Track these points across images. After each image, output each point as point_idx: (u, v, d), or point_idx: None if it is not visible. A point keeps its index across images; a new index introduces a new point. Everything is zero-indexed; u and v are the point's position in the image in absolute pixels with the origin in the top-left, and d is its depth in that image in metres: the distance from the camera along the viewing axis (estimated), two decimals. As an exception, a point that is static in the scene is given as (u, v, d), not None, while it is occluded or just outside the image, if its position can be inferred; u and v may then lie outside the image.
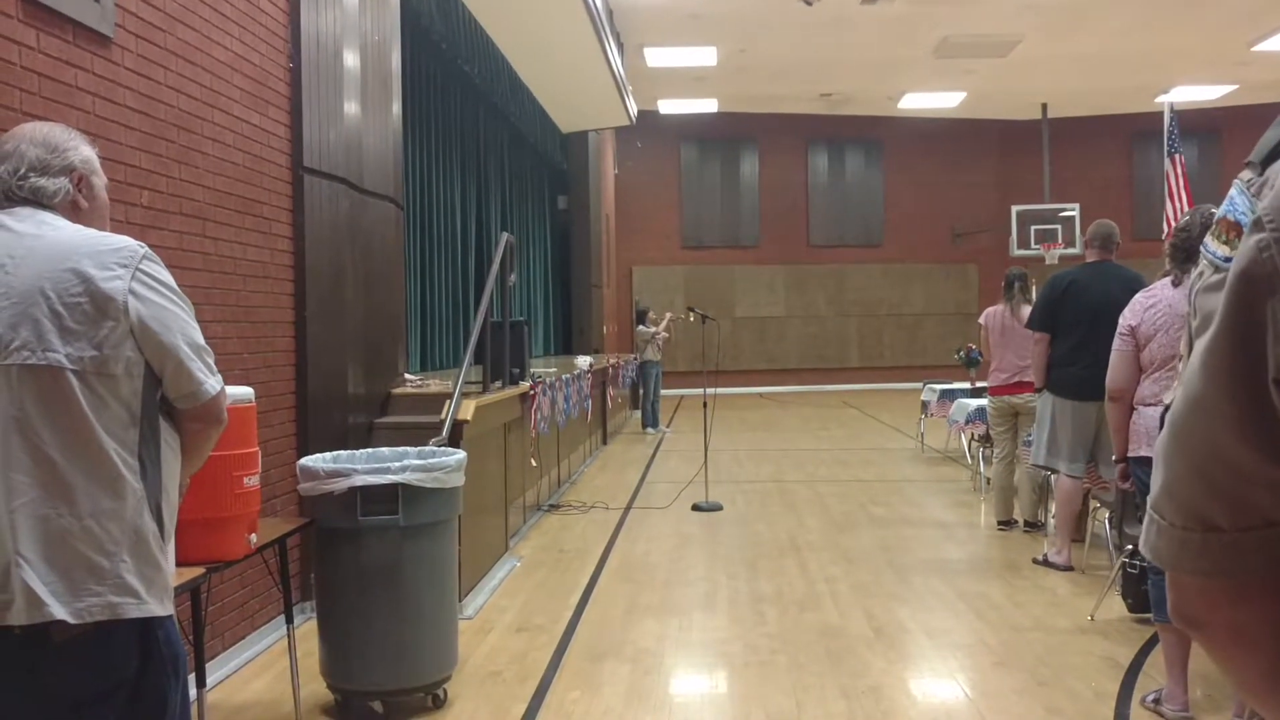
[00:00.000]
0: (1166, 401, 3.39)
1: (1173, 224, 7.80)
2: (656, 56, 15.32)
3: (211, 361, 1.96)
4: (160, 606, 1.86)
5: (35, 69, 3.07)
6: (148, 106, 3.67)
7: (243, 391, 3.09)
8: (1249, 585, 0.76)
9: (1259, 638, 0.77)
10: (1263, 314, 0.71)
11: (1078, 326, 5.48)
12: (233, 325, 4.27)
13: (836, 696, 3.82)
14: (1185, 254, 3.73)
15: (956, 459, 9.97)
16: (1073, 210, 17.63)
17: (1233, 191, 0.81)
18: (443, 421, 4.82)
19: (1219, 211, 0.82)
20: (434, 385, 6.10)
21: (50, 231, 1.85)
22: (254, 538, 3.13)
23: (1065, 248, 17.18)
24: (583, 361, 10.51)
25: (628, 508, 7.87)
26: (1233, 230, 0.78)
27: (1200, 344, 0.75)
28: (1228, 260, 0.75)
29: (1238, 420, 0.72)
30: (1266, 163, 0.78)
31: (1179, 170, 8.96)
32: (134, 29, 3.59)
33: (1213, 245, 0.80)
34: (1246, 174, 0.80)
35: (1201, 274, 0.79)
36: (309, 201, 4.96)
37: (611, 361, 12.78)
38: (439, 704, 3.74)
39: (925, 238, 21.49)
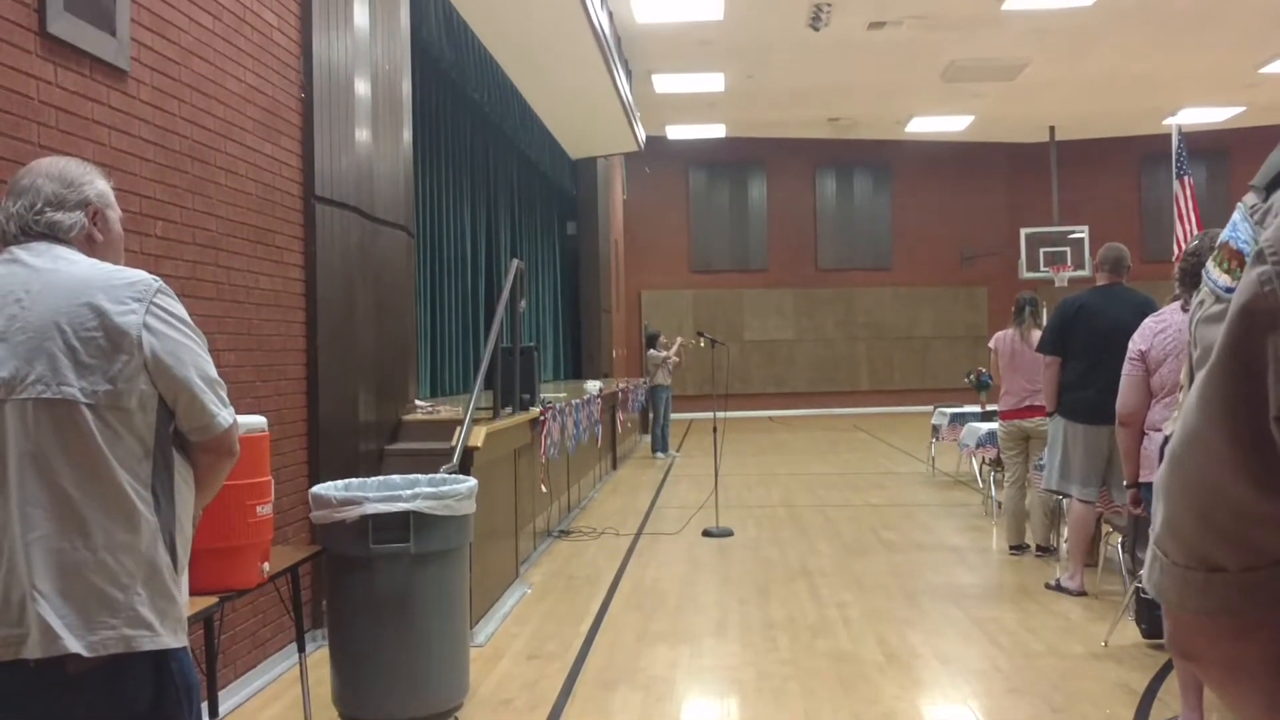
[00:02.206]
0: (1166, 432, 3.36)
1: (1183, 246, 7.79)
2: (665, 83, 15.42)
3: (224, 394, 1.97)
4: (174, 638, 1.86)
5: (53, 103, 3.11)
6: (162, 138, 3.71)
7: (256, 421, 3.11)
8: (1251, 622, 0.74)
9: (1260, 672, 0.75)
10: (1263, 350, 0.68)
11: (1089, 350, 5.47)
12: (245, 354, 4.29)
13: (849, 724, 3.80)
14: (1195, 278, 3.73)
15: (968, 483, 9.93)
16: (1082, 232, 17.64)
17: (1236, 216, 0.79)
18: (454, 448, 4.83)
19: (1222, 235, 0.79)
20: (445, 411, 6.11)
21: (65, 266, 1.87)
22: (267, 566, 3.14)
23: (1074, 270, 17.17)
24: (592, 386, 10.52)
25: (638, 533, 7.86)
26: (1235, 259, 0.75)
27: (1199, 378, 0.73)
28: (1229, 290, 0.73)
29: (1236, 459, 0.70)
30: (1271, 188, 0.75)
31: (1188, 192, 8.96)
32: (149, 62, 3.64)
33: (1214, 273, 0.78)
34: (1250, 198, 0.77)
35: (1203, 302, 0.77)
36: (321, 230, 5.00)
37: (621, 386, 12.79)
38: (450, 732, 3.73)
39: (934, 260, 21.49)
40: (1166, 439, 0.73)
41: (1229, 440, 0.70)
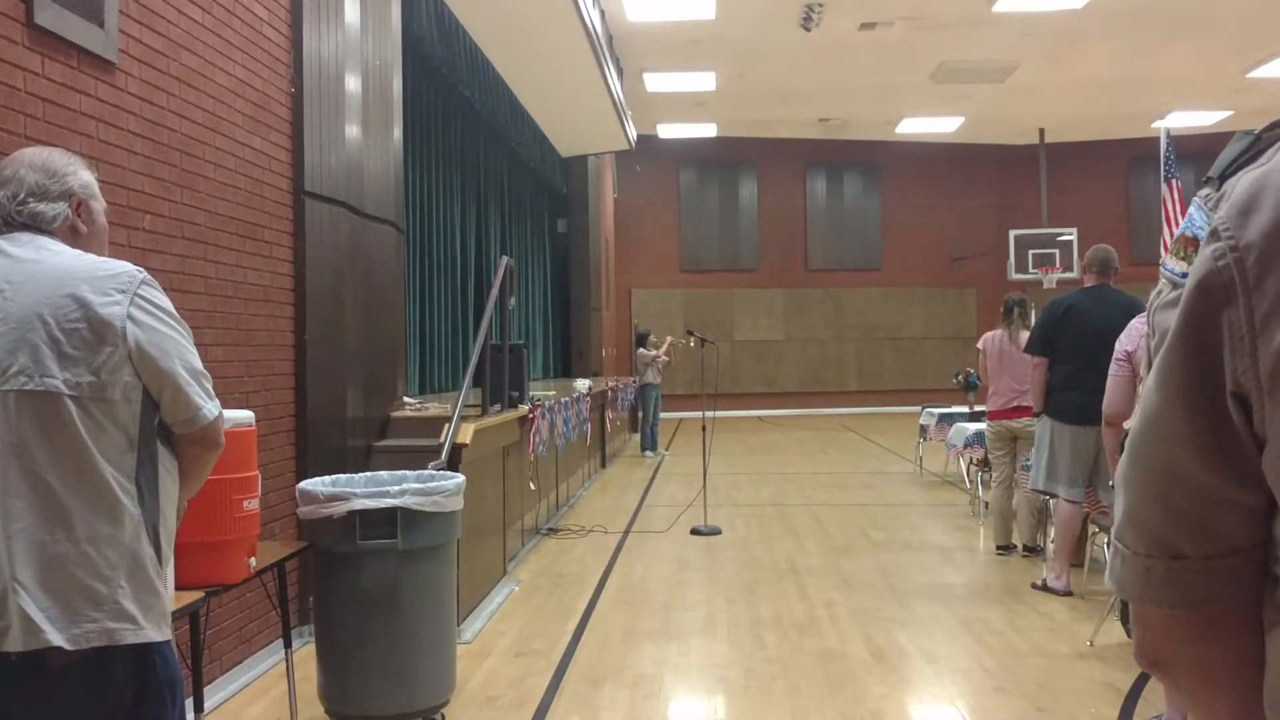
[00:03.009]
0: (1127, 426, 3.36)
1: (1169, 248, 7.82)
2: (656, 81, 15.41)
3: (210, 386, 1.96)
4: (158, 632, 1.85)
5: (40, 94, 3.09)
6: (151, 131, 3.70)
7: (243, 415, 3.10)
8: (1215, 619, 0.73)
9: (1230, 676, 0.74)
10: (1218, 325, 0.68)
11: (1076, 351, 5.49)
12: (233, 349, 4.28)
13: (836, 722, 3.81)
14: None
15: (955, 483, 9.95)
16: (1070, 235, 17.71)
17: (1192, 209, 0.79)
18: (442, 445, 4.82)
19: (1179, 230, 0.81)
20: (433, 408, 6.10)
21: (49, 257, 1.86)
22: (253, 561, 3.13)
23: (1063, 272, 17.24)
24: (582, 384, 10.51)
25: (626, 531, 7.86)
26: (1191, 246, 0.76)
27: (1157, 360, 0.72)
28: (1184, 276, 0.73)
29: (1195, 438, 0.69)
30: (1224, 178, 0.75)
31: (1176, 195, 8.99)
32: (138, 55, 3.62)
33: (1171, 263, 0.78)
34: (1205, 190, 0.78)
35: (1160, 292, 0.77)
36: (310, 225, 4.98)
37: (610, 384, 12.79)
38: (436, 729, 3.73)
39: (923, 262, 21.55)
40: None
41: (1187, 417, 0.70)
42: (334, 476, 3.88)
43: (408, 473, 4.02)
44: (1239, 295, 0.67)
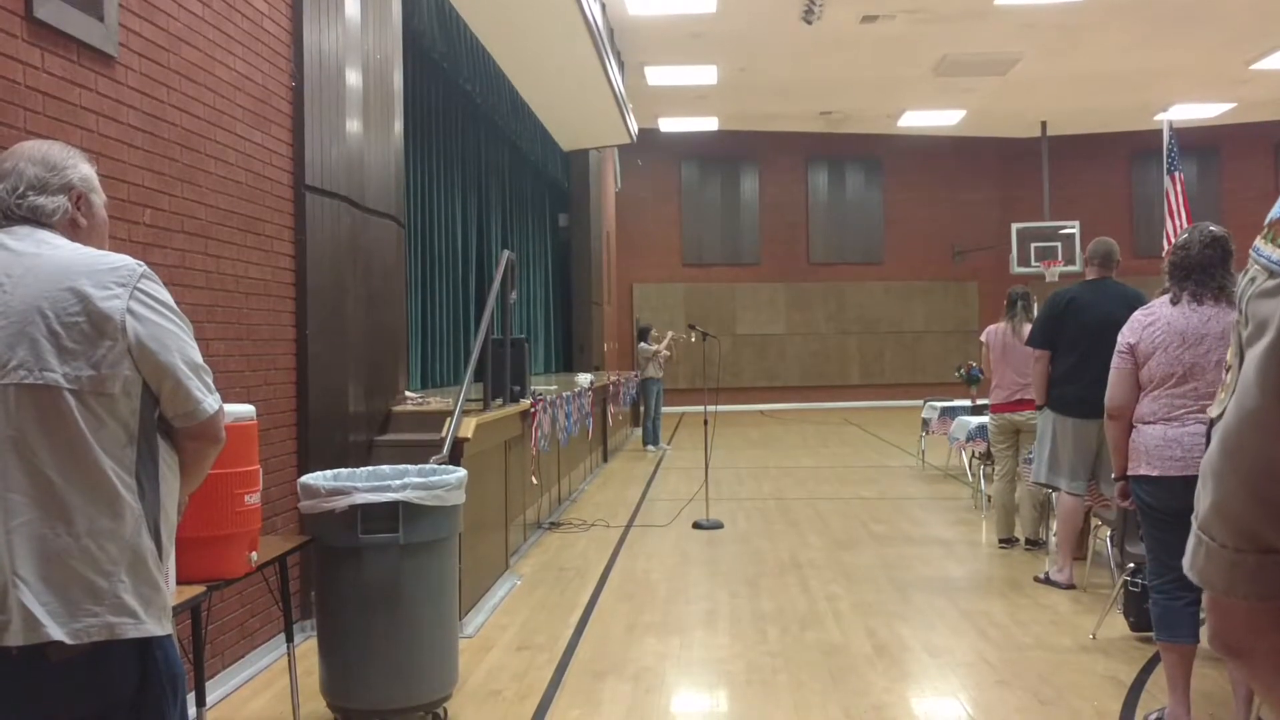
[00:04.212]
0: (1213, 415, 3.33)
1: (1172, 241, 7.81)
2: (657, 75, 15.39)
3: (210, 380, 1.95)
4: (159, 626, 1.85)
5: (40, 88, 3.09)
6: (151, 125, 3.69)
7: (244, 409, 3.09)
8: None
9: None
10: None
11: (1078, 344, 5.48)
12: (234, 343, 4.27)
13: (838, 715, 3.81)
14: (1184, 271, 3.73)
15: (957, 476, 9.95)
16: (1072, 228, 17.67)
17: None
18: (443, 439, 4.82)
19: (1271, 214, 0.75)
20: (434, 403, 6.10)
21: (48, 250, 1.85)
22: (254, 556, 3.13)
23: (1065, 265, 17.21)
24: (583, 379, 10.50)
25: (628, 525, 7.86)
26: None
27: (1255, 352, 0.70)
28: None
29: None
30: None
31: (1178, 188, 8.98)
32: (138, 48, 3.61)
33: (1265, 249, 0.74)
34: None
35: (1254, 279, 0.74)
36: (311, 219, 4.97)
37: (612, 379, 12.78)
38: (439, 723, 3.73)
39: (926, 255, 21.52)
40: (1214, 421, 0.67)
41: None
42: (335, 471, 3.88)
43: (409, 467, 4.02)
44: None
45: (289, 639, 3.66)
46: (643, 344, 13.67)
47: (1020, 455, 6.63)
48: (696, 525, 7.67)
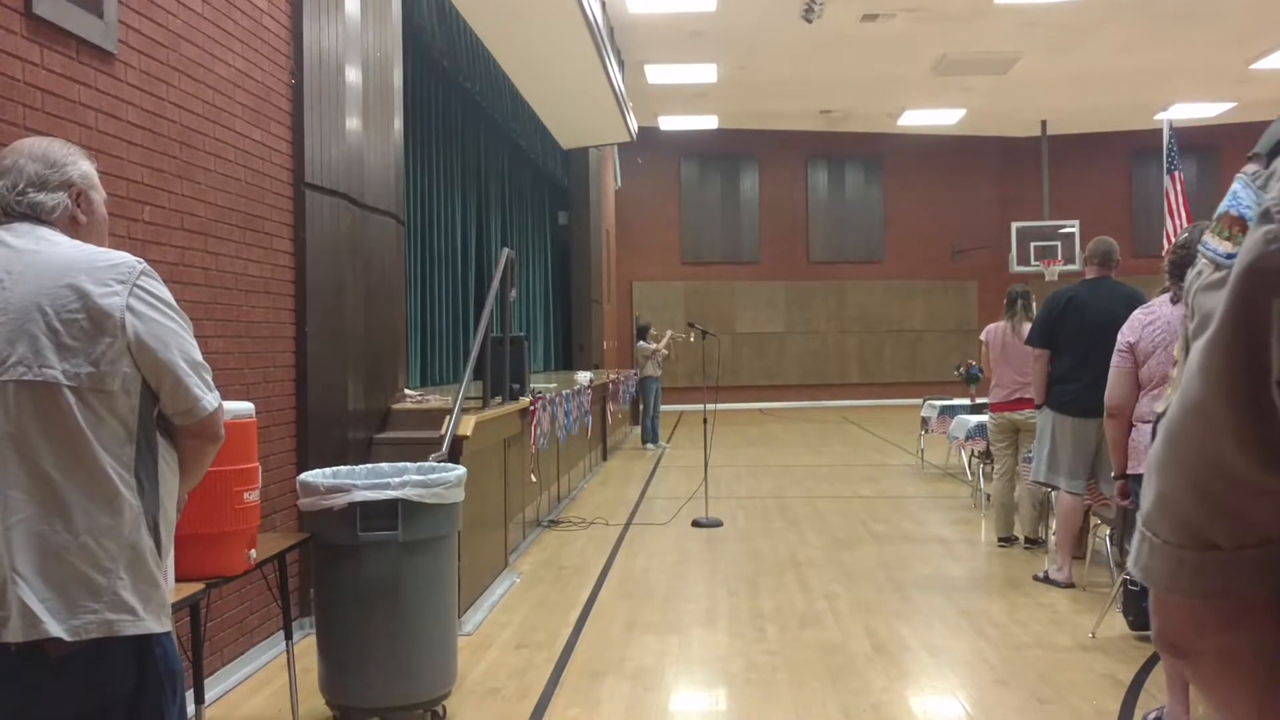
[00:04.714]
0: (1159, 410, 3.32)
1: (1172, 240, 7.80)
2: (657, 73, 15.38)
3: (209, 378, 1.95)
4: (157, 623, 1.85)
5: (38, 85, 3.08)
6: (150, 122, 3.68)
7: (243, 407, 3.09)
8: (1241, 609, 0.71)
9: (1251, 665, 0.72)
10: (1268, 311, 0.65)
11: (1078, 343, 5.47)
12: (233, 340, 4.27)
13: (837, 714, 3.81)
14: (1184, 270, 3.73)
15: (957, 475, 9.95)
16: (1072, 227, 17.67)
17: (1236, 186, 0.74)
18: (442, 437, 4.82)
19: (1220, 208, 0.75)
20: (434, 401, 6.10)
21: (48, 247, 1.85)
22: (254, 553, 3.13)
23: (1065, 264, 17.21)
24: (583, 377, 10.50)
25: (627, 524, 7.86)
26: (1236, 224, 0.72)
27: (1198, 345, 0.70)
28: (1230, 257, 0.70)
29: (1237, 427, 0.67)
30: (1273, 154, 0.72)
31: (1178, 187, 8.97)
32: (137, 45, 3.61)
33: (1213, 242, 0.74)
34: (1251, 167, 0.73)
35: (1200, 272, 0.74)
36: (310, 217, 4.97)
37: (612, 377, 12.78)
38: (437, 721, 3.73)
39: (925, 254, 21.52)
40: (1159, 417, 0.67)
41: (1230, 406, 0.67)
42: (334, 468, 3.88)
43: (408, 464, 4.02)
44: None
45: (288, 636, 3.66)
46: (641, 342, 13.66)
47: (1019, 454, 6.63)
48: (696, 524, 7.67)
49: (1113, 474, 4.09)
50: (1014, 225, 18.11)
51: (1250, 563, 0.69)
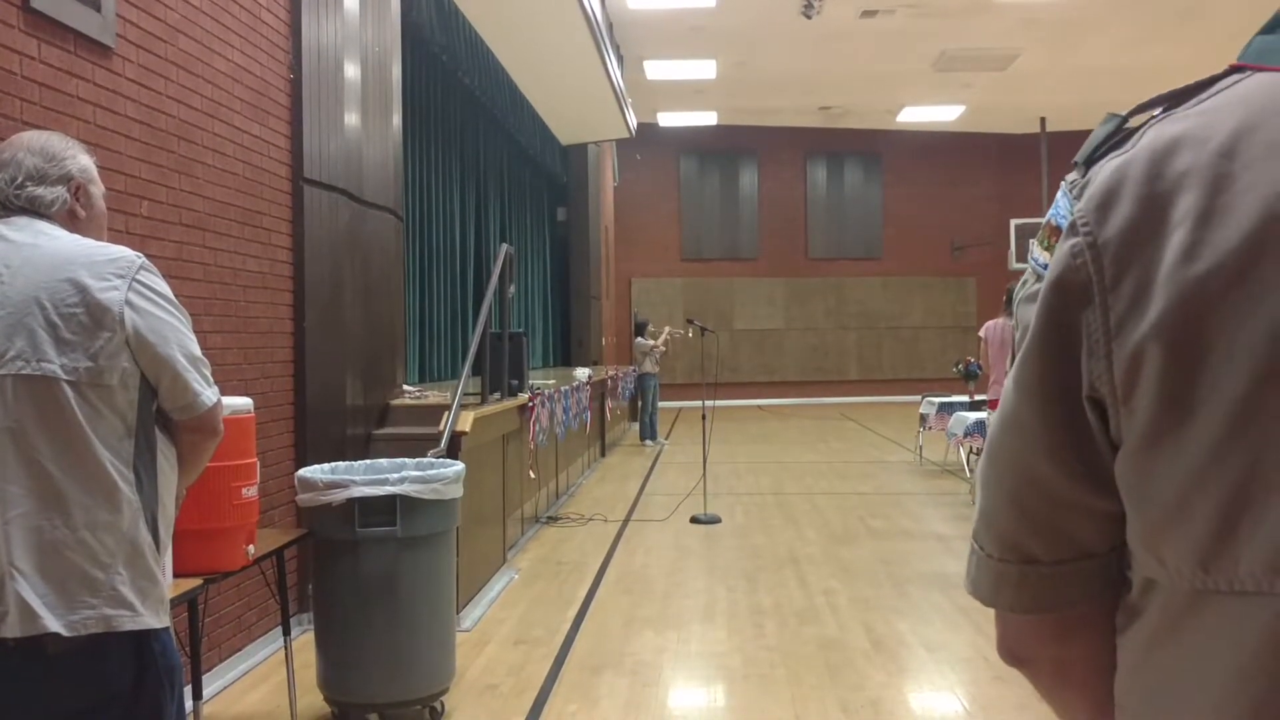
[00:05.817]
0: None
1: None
2: (656, 69, 15.36)
3: (208, 373, 1.95)
4: (156, 619, 1.84)
5: (36, 79, 3.07)
6: (148, 117, 3.67)
7: (241, 402, 3.09)
8: (1070, 621, 0.71)
9: (1084, 675, 0.72)
10: (1077, 325, 0.65)
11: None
12: (232, 336, 4.26)
13: (835, 710, 3.81)
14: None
15: (955, 472, 9.95)
16: (1071, 224, 17.66)
17: (1059, 194, 0.73)
18: (441, 433, 4.81)
19: (1047, 215, 0.74)
20: (432, 396, 6.09)
21: (47, 241, 1.84)
22: (252, 549, 3.12)
23: (1064, 261, 17.20)
24: (581, 373, 10.50)
25: (626, 520, 7.86)
26: (1055, 235, 0.70)
27: (1018, 358, 0.69)
28: (1047, 267, 0.69)
29: (1049, 441, 0.66)
30: (1090, 162, 0.71)
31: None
32: (135, 39, 3.60)
33: (1035, 251, 0.73)
34: (1072, 175, 0.72)
35: (1025, 282, 0.73)
36: (309, 212, 4.96)
37: (610, 373, 12.77)
38: (436, 716, 3.73)
39: (924, 251, 21.51)
40: None
41: (1042, 419, 0.67)
42: (333, 464, 3.87)
43: (407, 460, 4.01)
44: (1096, 296, 0.64)
45: (286, 632, 3.66)
46: (639, 339, 13.66)
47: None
48: (694, 520, 7.67)
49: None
50: (1013, 222, 18.11)
51: (1070, 577, 0.69)
